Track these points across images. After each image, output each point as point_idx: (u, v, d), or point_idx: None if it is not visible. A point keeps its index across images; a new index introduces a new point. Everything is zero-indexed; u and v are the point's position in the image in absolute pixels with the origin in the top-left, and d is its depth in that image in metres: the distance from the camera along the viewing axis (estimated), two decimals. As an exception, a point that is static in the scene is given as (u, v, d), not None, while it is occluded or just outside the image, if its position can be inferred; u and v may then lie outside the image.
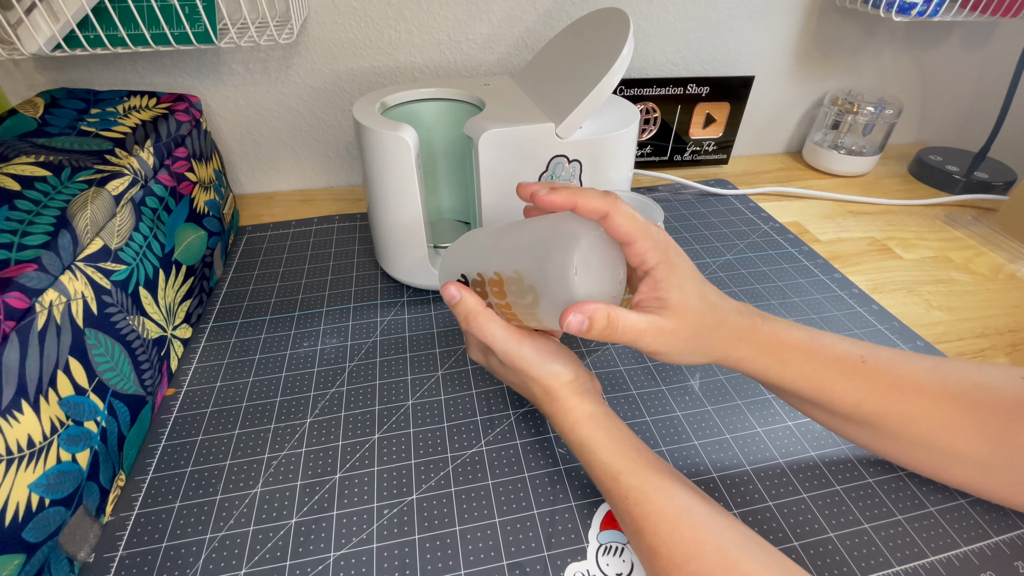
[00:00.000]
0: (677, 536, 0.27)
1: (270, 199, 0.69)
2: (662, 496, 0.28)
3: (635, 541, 0.29)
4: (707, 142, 0.75)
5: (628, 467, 0.30)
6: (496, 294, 0.32)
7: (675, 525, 0.27)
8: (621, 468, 0.30)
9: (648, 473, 0.29)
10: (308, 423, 0.40)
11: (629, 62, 0.41)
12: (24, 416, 0.27)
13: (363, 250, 0.59)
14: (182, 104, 0.51)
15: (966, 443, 0.30)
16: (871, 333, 0.48)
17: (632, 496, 0.29)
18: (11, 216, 0.32)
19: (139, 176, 0.41)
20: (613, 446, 0.31)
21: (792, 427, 0.40)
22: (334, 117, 0.67)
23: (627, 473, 0.29)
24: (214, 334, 0.48)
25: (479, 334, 0.32)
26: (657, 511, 0.28)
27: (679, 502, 0.28)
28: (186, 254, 0.46)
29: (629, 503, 0.29)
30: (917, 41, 0.77)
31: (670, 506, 0.28)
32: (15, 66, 0.57)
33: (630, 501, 0.29)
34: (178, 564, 0.32)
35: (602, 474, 0.30)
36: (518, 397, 0.42)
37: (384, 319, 0.49)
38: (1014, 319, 0.51)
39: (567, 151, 0.45)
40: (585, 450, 0.31)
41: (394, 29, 0.62)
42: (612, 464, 0.30)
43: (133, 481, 0.36)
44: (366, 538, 0.33)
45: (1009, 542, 0.33)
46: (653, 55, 0.71)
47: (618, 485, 0.29)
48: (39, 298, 0.29)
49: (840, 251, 0.60)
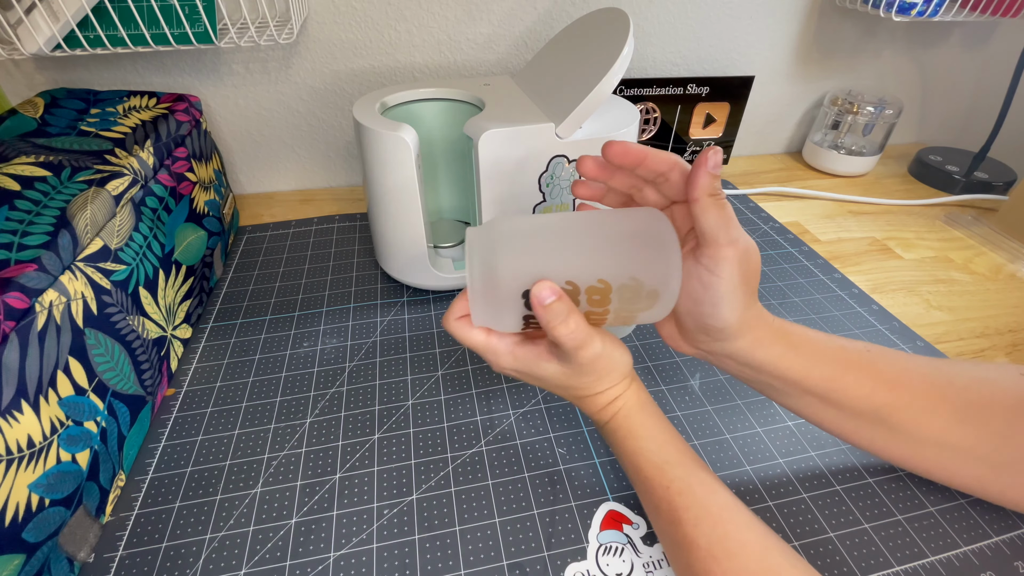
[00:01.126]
0: (720, 532, 0.27)
1: (270, 199, 0.69)
2: (706, 490, 0.28)
3: (671, 531, 0.28)
4: (707, 142, 0.75)
5: (675, 458, 0.30)
6: (596, 303, 0.28)
7: (718, 521, 0.27)
8: (667, 458, 0.30)
9: (694, 467, 0.29)
10: (308, 423, 0.40)
11: (629, 62, 0.41)
12: (24, 416, 0.27)
13: (363, 250, 0.59)
14: (182, 104, 0.51)
15: (976, 439, 0.30)
16: (871, 333, 0.48)
17: (675, 487, 0.29)
18: (11, 216, 0.32)
19: (139, 176, 0.41)
20: (661, 436, 0.31)
21: (792, 427, 0.40)
22: (334, 117, 0.67)
23: (673, 464, 0.29)
24: (214, 334, 0.48)
25: (575, 334, 0.27)
26: (700, 504, 0.28)
27: (722, 499, 0.28)
28: (186, 254, 0.46)
29: (671, 493, 0.28)
30: (917, 41, 0.77)
31: (714, 503, 0.28)
32: (15, 66, 0.57)
33: (672, 491, 0.28)
34: (178, 564, 0.32)
35: (645, 462, 0.30)
36: (518, 397, 0.42)
37: (384, 319, 0.49)
38: (1014, 319, 0.51)
39: (567, 151, 0.45)
40: (632, 437, 0.31)
41: (394, 29, 0.62)
42: (659, 453, 0.30)
43: (133, 481, 0.36)
44: (366, 538, 0.33)
45: (1009, 542, 0.33)
46: (653, 55, 0.71)
47: (662, 474, 0.29)
48: (39, 298, 0.29)
49: (840, 251, 0.60)
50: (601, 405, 0.32)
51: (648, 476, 0.30)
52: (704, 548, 0.26)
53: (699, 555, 0.26)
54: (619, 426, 0.32)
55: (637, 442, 0.31)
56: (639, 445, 0.31)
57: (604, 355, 0.30)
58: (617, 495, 0.35)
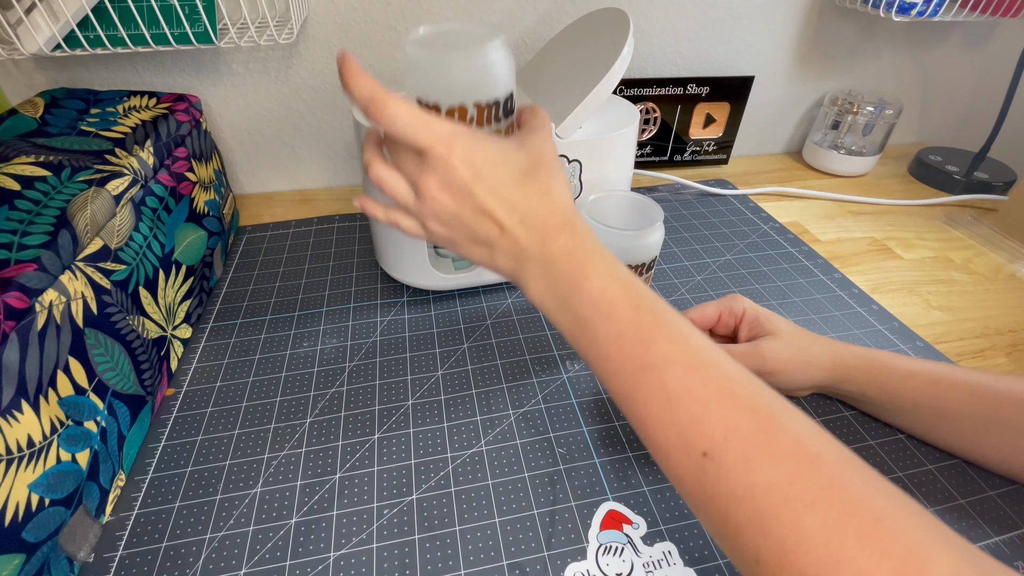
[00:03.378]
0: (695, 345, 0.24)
1: (270, 199, 0.69)
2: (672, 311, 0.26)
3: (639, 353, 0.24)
4: (707, 142, 0.75)
5: (636, 279, 0.27)
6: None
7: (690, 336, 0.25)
8: (630, 277, 0.26)
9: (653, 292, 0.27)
10: (308, 423, 0.40)
11: (629, 62, 0.41)
12: (24, 416, 0.27)
13: (363, 250, 0.59)
14: (182, 104, 0.51)
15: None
16: (871, 333, 0.48)
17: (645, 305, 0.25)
18: (11, 216, 0.32)
19: (139, 176, 0.41)
20: (615, 259, 0.27)
21: (792, 427, 0.40)
22: (334, 117, 0.67)
23: (637, 283, 0.26)
24: (214, 334, 0.48)
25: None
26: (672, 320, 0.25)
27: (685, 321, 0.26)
28: (186, 254, 0.46)
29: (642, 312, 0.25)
30: (917, 41, 0.77)
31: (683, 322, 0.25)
32: (15, 66, 0.57)
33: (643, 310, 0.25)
34: (178, 564, 0.32)
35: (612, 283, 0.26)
36: (518, 398, 0.42)
37: (384, 319, 0.49)
38: (1014, 319, 0.51)
39: (567, 151, 0.45)
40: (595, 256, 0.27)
41: (394, 29, 0.62)
42: (622, 271, 0.27)
43: (133, 481, 0.36)
44: (366, 538, 0.33)
45: (1009, 542, 0.33)
46: (653, 55, 0.71)
47: (629, 295, 0.26)
48: (39, 298, 0.29)
49: (840, 251, 0.60)
50: (555, 223, 0.27)
51: (613, 299, 0.25)
52: (681, 362, 0.23)
53: (675, 370, 0.23)
54: (577, 247, 0.27)
55: (602, 263, 0.26)
56: (604, 267, 0.26)
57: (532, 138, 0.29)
58: (617, 495, 0.35)
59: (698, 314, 0.41)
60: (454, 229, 0.29)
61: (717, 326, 0.42)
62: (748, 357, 0.38)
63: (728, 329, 0.42)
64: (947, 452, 0.38)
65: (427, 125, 0.26)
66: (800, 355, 0.38)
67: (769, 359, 0.38)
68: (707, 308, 0.41)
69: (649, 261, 0.41)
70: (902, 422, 0.39)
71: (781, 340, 0.38)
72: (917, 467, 0.37)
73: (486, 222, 0.27)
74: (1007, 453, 0.35)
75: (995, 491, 0.36)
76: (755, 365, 0.38)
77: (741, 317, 0.41)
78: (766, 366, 0.38)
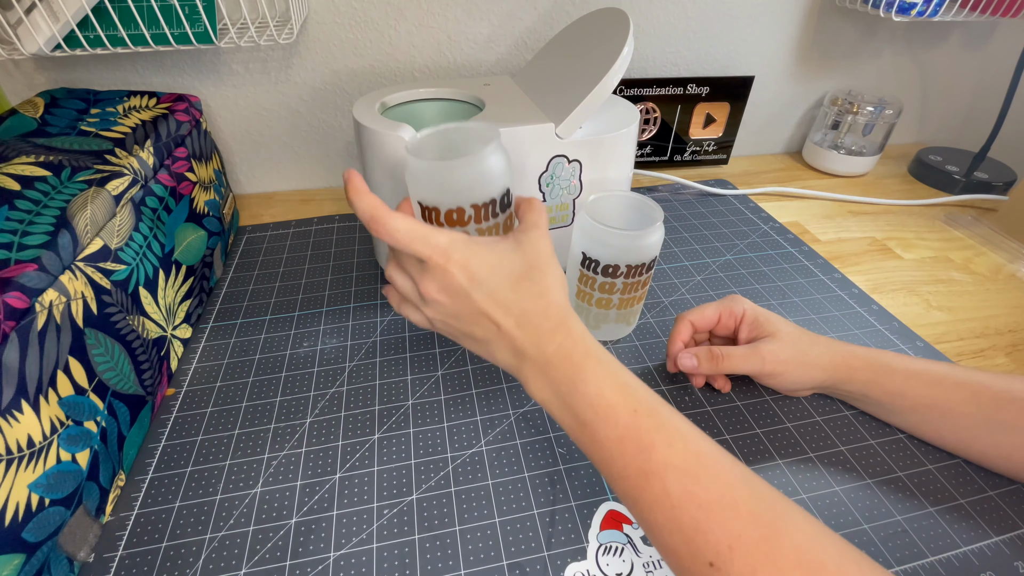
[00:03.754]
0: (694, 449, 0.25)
1: (270, 199, 0.69)
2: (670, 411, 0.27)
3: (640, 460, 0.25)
4: (707, 142, 0.75)
5: (635, 380, 0.28)
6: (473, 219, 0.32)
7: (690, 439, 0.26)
8: (629, 380, 0.27)
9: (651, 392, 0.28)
10: (308, 423, 0.40)
11: (629, 62, 0.41)
12: (24, 416, 0.27)
13: (363, 250, 0.59)
14: (182, 104, 0.51)
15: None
16: (871, 333, 0.48)
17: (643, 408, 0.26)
18: (11, 216, 0.32)
19: (139, 176, 0.41)
20: (614, 359, 0.28)
21: (791, 428, 0.40)
22: (334, 117, 0.67)
23: (635, 386, 0.27)
24: (214, 334, 0.48)
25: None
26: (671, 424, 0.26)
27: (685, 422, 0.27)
28: (186, 254, 0.46)
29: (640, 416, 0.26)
30: (917, 41, 0.77)
31: (681, 423, 0.26)
32: (15, 66, 0.57)
33: (641, 414, 0.26)
34: (178, 564, 0.32)
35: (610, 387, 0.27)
36: (518, 397, 0.42)
37: (384, 319, 0.49)
38: (1014, 319, 0.51)
39: (567, 151, 0.45)
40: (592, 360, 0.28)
41: (394, 29, 0.62)
42: (621, 373, 0.28)
43: (133, 481, 0.36)
44: (366, 538, 0.33)
45: (1009, 542, 0.33)
46: (653, 55, 0.71)
47: (627, 398, 0.27)
48: (39, 298, 0.29)
49: (840, 251, 0.60)
50: (550, 325, 0.28)
51: (612, 403, 0.26)
52: (681, 467, 0.24)
53: (676, 476, 0.24)
54: (573, 349, 0.28)
55: (599, 366, 0.27)
56: (601, 369, 0.27)
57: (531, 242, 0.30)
58: (617, 495, 0.35)
59: (698, 315, 0.41)
60: (454, 327, 0.31)
61: (717, 327, 0.42)
62: (748, 359, 0.38)
63: (728, 330, 0.42)
64: (947, 452, 0.38)
65: (424, 238, 0.28)
66: (800, 356, 0.38)
67: (769, 360, 0.38)
68: (707, 309, 0.41)
69: (649, 261, 0.41)
70: (902, 422, 0.39)
71: (781, 341, 0.38)
72: (917, 467, 0.37)
73: (484, 322, 0.29)
74: (1007, 453, 0.35)
75: (995, 491, 0.36)
76: (755, 367, 0.38)
77: (741, 318, 0.41)
78: (766, 367, 0.38)
